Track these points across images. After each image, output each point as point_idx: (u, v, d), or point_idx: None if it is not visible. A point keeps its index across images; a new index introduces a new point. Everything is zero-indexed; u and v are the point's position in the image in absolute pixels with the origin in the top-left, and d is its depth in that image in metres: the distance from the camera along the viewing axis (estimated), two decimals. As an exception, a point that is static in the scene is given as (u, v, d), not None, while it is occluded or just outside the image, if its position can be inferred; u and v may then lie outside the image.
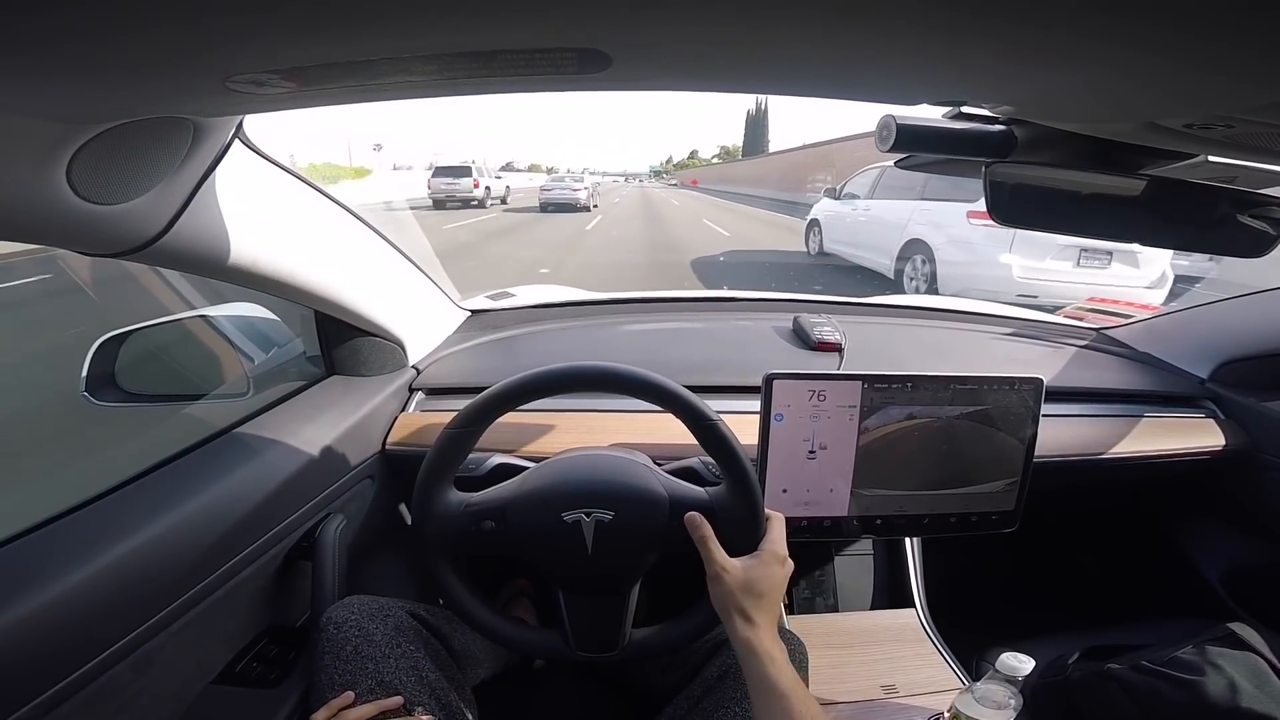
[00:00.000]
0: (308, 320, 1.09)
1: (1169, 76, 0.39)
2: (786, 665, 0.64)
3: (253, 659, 0.83)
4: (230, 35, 0.34)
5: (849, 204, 7.43)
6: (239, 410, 0.94)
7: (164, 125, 0.53)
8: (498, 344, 1.31)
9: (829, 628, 1.04)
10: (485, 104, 33.87)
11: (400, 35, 0.35)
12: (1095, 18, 0.30)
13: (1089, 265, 4.74)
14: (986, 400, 0.96)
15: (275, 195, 0.79)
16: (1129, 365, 1.36)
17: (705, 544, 0.71)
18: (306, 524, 0.89)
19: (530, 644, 0.80)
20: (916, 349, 1.33)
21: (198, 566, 0.72)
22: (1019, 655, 0.71)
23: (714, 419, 0.72)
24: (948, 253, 5.27)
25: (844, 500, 0.98)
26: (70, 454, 2.24)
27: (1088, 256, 4.72)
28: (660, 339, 1.38)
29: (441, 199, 17.68)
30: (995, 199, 0.61)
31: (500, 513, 0.75)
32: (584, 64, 0.39)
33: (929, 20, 0.32)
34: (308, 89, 0.44)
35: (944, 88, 0.49)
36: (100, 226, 0.56)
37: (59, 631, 0.58)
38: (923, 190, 5.75)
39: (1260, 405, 1.22)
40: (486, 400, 0.74)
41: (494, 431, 0.77)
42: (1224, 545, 1.32)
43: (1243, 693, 0.79)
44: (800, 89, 0.48)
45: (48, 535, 0.64)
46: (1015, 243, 4.75)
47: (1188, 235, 0.68)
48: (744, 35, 0.35)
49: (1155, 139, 0.52)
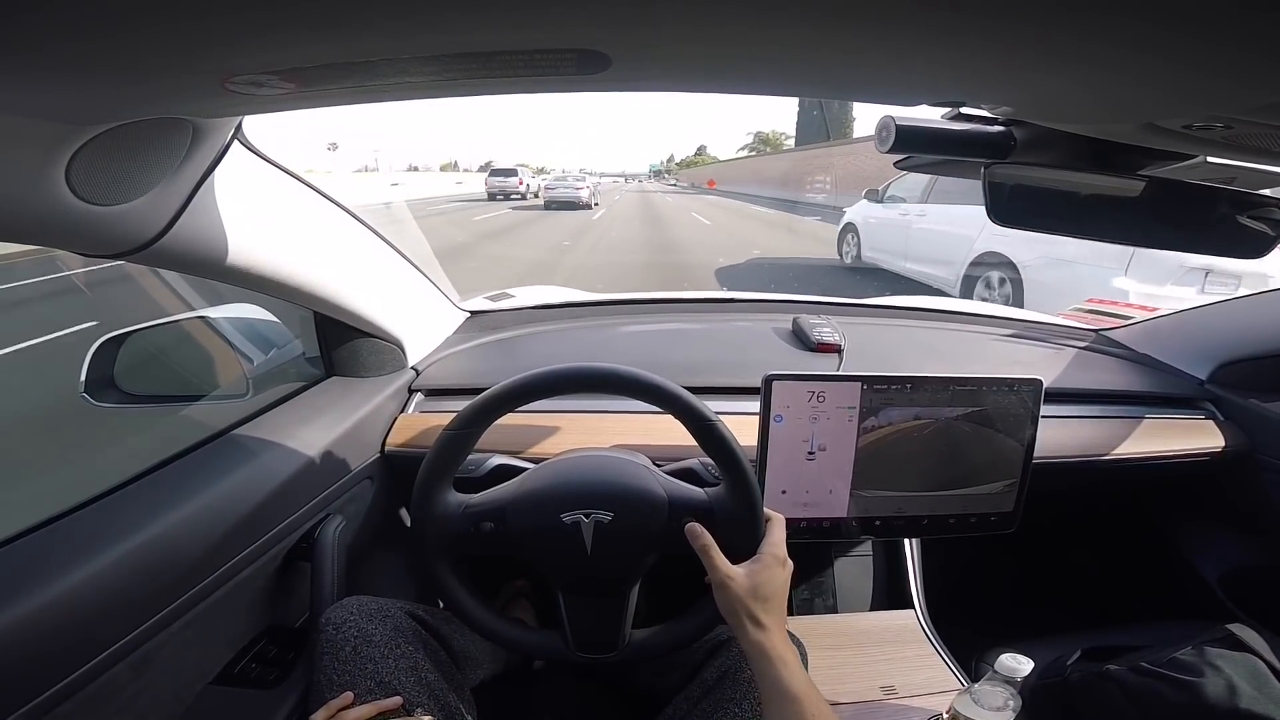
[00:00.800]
0: (307, 321, 1.09)
1: (1167, 77, 0.39)
2: (799, 668, 0.64)
3: (252, 659, 0.82)
4: (229, 36, 0.34)
5: (894, 207, 6.55)
6: (238, 411, 0.94)
7: (163, 126, 0.53)
8: (497, 345, 1.31)
9: (828, 629, 1.04)
10: (471, 103, 33.02)
11: (400, 36, 0.35)
12: (1094, 19, 0.30)
13: (1215, 289, 3.84)
14: (986, 401, 0.96)
15: (274, 196, 0.79)
16: (1128, 366, 1.36)
17: (707, 553, 0.71)
18: (305, 525, 0.89)
19: (529, 645, 0.80)
20: (916, 350, 1.33)
21: (197, 567, 0.72)
22: (1018, 656, 0.71)
23: (713, 419, 0.72)
24: (1040, 272, 4.46)
25: (843, 501, 0.98)
26: (68, 454, 2.24)
27: (1215, 280, 3.85)
28: (660, 340, 1.38)
29: (495, 193, 23.45)
30: (994, 200, 0.61)
31: (499, 514, 0.75)
32: (583, 65, 0.39)
33: (928, 21, 0.32)
34: (307, 90, 0.44)
35: (943, 88, 0.49)
36: (99, 227, 0.56)
37: (58, 631, 0.58)
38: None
39: (1260, 406, 1.22)
40: (486, 401, 0.74)
41: (493, 432, 0.77)
42: (1223, 546, 1.32)
43: (1241, 694, 0.79)
44: (800, 89, 0.49)
45: (47, 535, 0.64)
46: (1132, 264, 3.96)
47: (1186, 237, 0.68)
48: (743, 36, 0.35)
49: (1154, 140, 0.52)
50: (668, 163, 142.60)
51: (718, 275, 7.81)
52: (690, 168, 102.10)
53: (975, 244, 5.01)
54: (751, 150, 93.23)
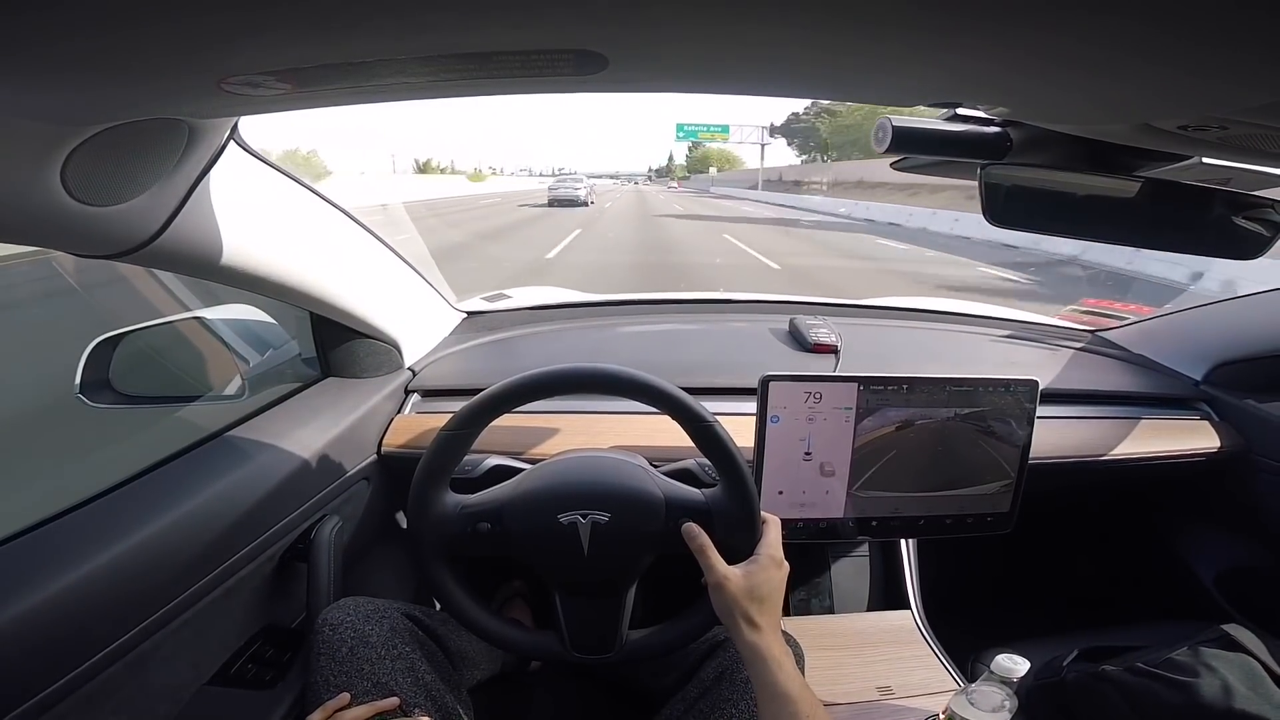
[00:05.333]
0: (303, 322, 1.09)
1: (1163, 79, 0.39)
2: (793, 669, 0.64)
3: (248, 660, 0.82)
4: (225, 36, 0.34)
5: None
6: (234, 412, 0.93)
7: (159, 127, 0.53)
8: (494, 346, 1.30)
9: (825, 629, 1.04)
10: (463, 102, 31.74)
11: (396, 37, 0.35)
12: (1090, 20, 0.30)
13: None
14: (982, 402, 0.96)
15: (271, 197, 0.79)
16: (1124, 367, 1.37)
17: (704, 553, 0.71)
18: (302, 526, 0.89)
19: (526, 645, 0.79)
20: (912, 351, 1.34)
21: (193, 568, 0.72)
22: (1014, 657, 0.71)
23: (710, 420, 0.72)
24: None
25: (840, 502, 0.98)
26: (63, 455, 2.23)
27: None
28: (657, 340, 1.38)
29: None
30: (990, 200, 0.62)
31: (496, 515, 0.75)
32: (581, 65, 0.39)
33: (924, 22, 0.32)
34: (303, 90, 0.44)
35: (940, 89, 0.49)
36: (95, 228, 0.56)
37: (55, 631, 0.57)
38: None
39: (1255, 407, 1.22)
40: (482, 402, 0.73)
41: (491, 433, 0.77)
42: (1218, 547, 1.32)
43: (1236, 694, 0.80)
44: (797, 90, 0.49)
45: (44, 536, 0.64)
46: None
47: (1182, 237, 0.69)
48: (741, 37, 0.35)
49: (1150, 141, 0.52)
50: (669, 165, 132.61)
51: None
52: (701, 166, 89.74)
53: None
54: (806, 151, 64.47)
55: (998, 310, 1.68)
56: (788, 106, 79.81)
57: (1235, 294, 1.31)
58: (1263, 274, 1.54)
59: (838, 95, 0.51)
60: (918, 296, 1.89)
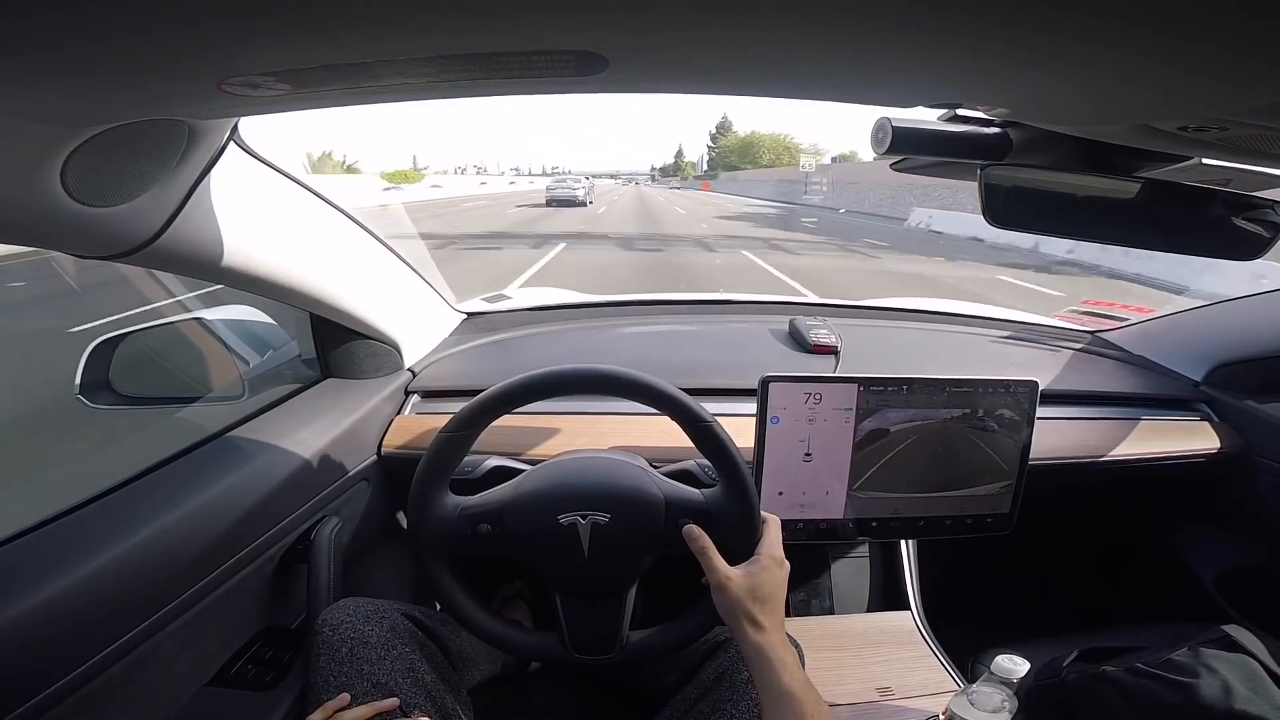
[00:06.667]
0: (303, 323, 1.09)
1: (1163, 79, 0.39)
2: (798, 669, 0.65)
3: (248, 661, 0.82)
4: (225, 38, 0.34)
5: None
6: (234, 413, 0.93)
7: (159, 127, 0.53)
8: (494, 346, 1.30)
9: (825, 630, 1.04)
10: (460, 102, 32.26)
11: (396, 38, 0.34)
12: (1090, 21, 0.30)
13: None
14: (982, 403, 0.96)
15: (271, 198, 0.79)
16: (1124, 368, 1.37)
17: (705, 554, 0.71)
18: (302, 526, 0.89)
19: (526, 646, 0.79)
20: (912, 351, 1.34)
21: (193, 568, 0.72)
22: (1014, 657, 0.71)
23: (709, 421, 0.72)
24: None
25: (840, 503, 0.98)
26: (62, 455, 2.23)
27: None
28: (656, 341, 1.38)
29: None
30: (990, 201, 0.62)
31: (496, 516, 0.75)
32: (581, 66, 0.39)
33: (924, 23, 0.32)
34: (303, 91, 0.44)
35: (939, 89, 0.49)
36: (95, 229, 0.56)
37: (55, 632, 0.57)
38: None
39: (1255, 408, 1.22)
40: (482, 403, 0.73)
41: (491, 433, 0.77)
42: (1218, 547, 1.32)
43: (1236, 695, 0.79)
44: (797, 91, 0.49)
45: (44, 536, 0.64)
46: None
47: (1182, 238, 0.69)
48: (741, 38, 0.35)
49: (1150, 142, 0.52)
50: (677, 161, 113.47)
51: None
52: (727, 162, 72.20)
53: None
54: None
55: (997, 311, 1.68)
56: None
57: (1235, 295, 1.31)
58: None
59: (838, 96, 0.51)
60: (917, 297, 1.90)
